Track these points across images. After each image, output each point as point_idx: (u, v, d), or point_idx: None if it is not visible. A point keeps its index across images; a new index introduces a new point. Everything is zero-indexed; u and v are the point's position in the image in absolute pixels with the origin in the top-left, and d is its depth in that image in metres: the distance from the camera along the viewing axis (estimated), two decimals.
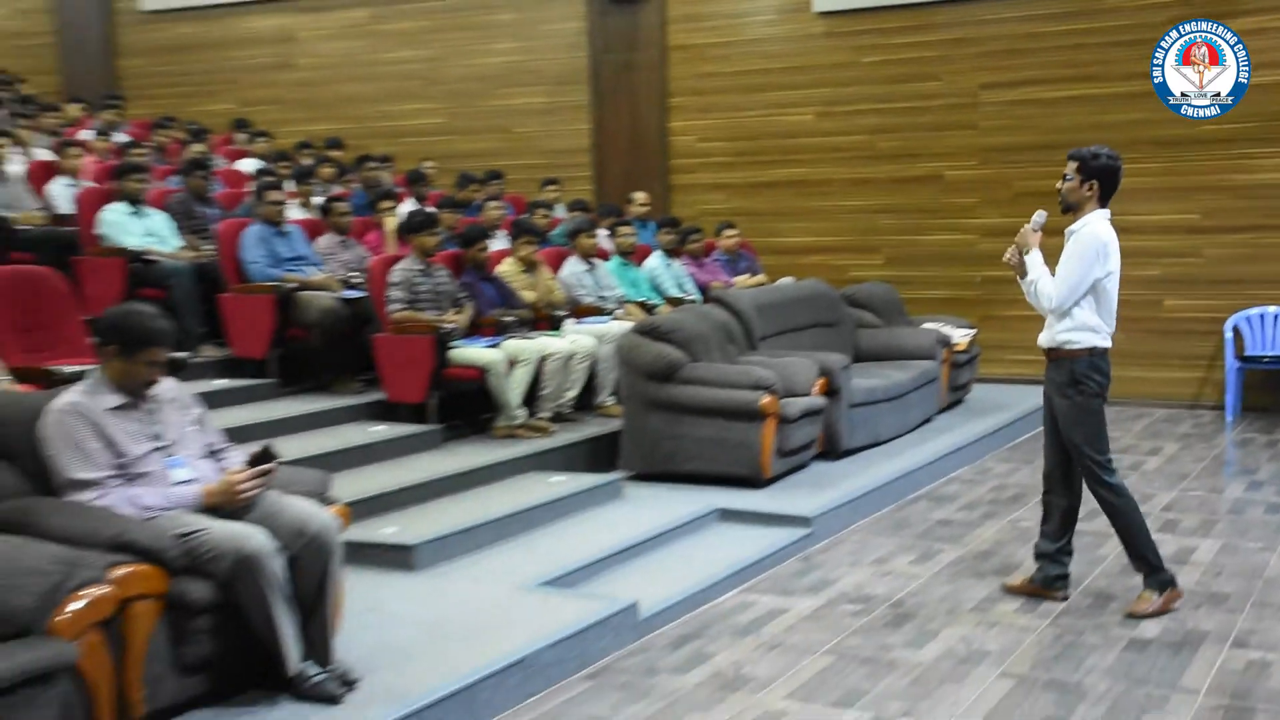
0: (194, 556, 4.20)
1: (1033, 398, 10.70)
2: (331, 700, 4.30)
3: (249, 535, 4.23)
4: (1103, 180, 5.52)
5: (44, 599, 3.75)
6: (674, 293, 10.45)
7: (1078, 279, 5.48)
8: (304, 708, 4.27)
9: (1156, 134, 11.19)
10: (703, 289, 10.76)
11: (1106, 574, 6.32)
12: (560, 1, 13.63)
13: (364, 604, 5.02)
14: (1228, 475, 8.91)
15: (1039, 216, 5.75)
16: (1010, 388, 11.24)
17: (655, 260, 10.66)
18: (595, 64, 13.45)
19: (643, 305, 9.85)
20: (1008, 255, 5.76)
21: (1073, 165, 5.57)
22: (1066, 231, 5.63)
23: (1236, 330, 11.04)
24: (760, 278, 11.55)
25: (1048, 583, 5.89)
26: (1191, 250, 11.24)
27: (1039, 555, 5.96)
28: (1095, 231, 5.50)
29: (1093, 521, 7.29)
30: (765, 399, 7.48)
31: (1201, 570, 6.39)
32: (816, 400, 8.03)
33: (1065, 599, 5.84)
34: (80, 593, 3.83)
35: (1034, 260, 5.65)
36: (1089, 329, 5.55)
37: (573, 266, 9.67)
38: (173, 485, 4.45)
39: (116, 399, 4.49)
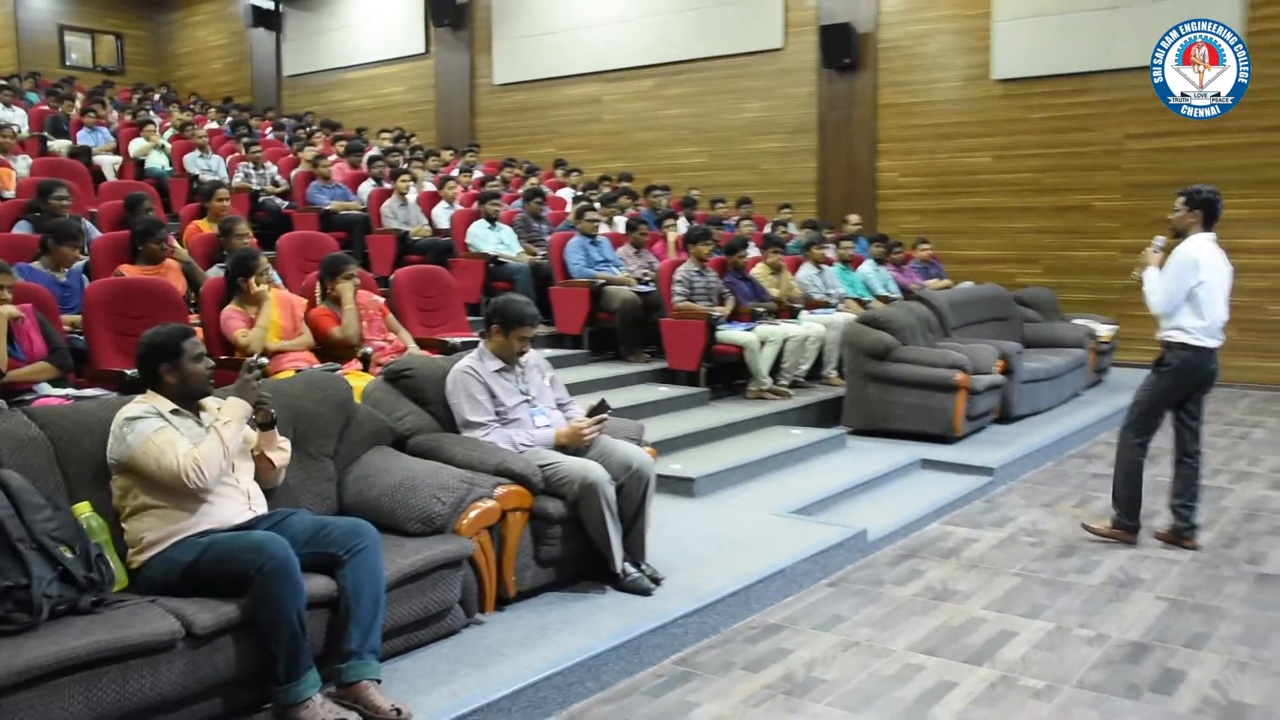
0: (551, 482, 4.23)
1: None
2: (645, 593, 4.27)
3: (591, 468, 4.24)
4: (1205, 210, 5.21)
5: (453, 508, 3.84)
6: (881, 292, 10.14)
7: (1171, 289, 5.18)
8: (625, 597, 4.25)
9: (1264, 175, 10.37)
10: (903, 289, 10.42)
11: (1232, 521, 5.89)
12: (797, 71, 13.33)
13: (661, 521, 4.92)
14: None
15: (1158, 241, 5.43)
16: (1141, 371, 10.42)
17: (867, 267, 10.34)
18: (822, 118, 13.13)
19: (858, 301, 9.60)
20: (1135, 273, 5.47)
21: (1181, 199, 5.28)
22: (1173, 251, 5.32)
23: None
24: (946, 282, 11.15)
25: (1179, 533, 5.45)
26: None
27: (1172, 508, 5.52)
28: (1187, 252, 5.16)
29: (1215, 478, 6.86)
30: (959, 375, 7.20)
31: None
32: (997, 377, 7.72)
33: (1196, 547, 5.40)
34: (476, 504, 3.90)
35: (1149, 275, 5.35)
36: (1181, 329, 5.24)
37: (807, 270, 9.45)
38: (535, 429, 4.49)
39: (497, 364, 4.56)
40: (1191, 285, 5.14)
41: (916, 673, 3.85)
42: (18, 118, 11.79)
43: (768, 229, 11.11)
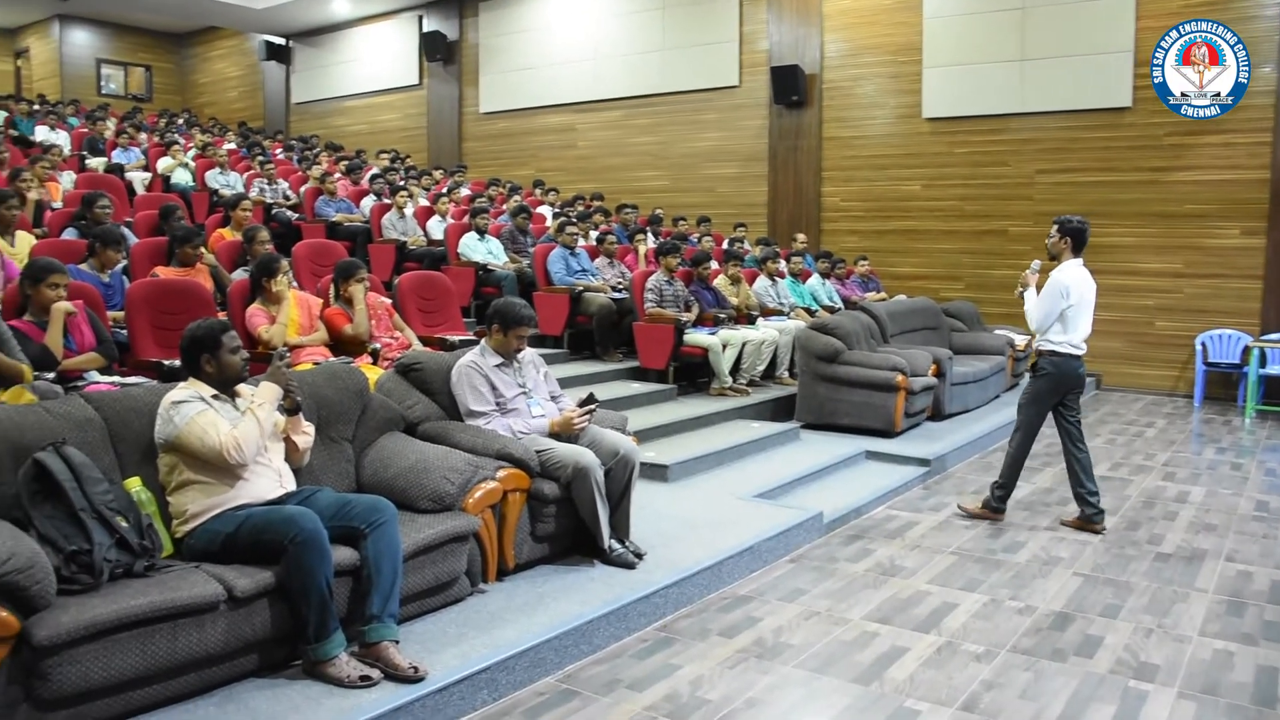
0: (547, 466, 4.21)
1: None
2: (629, 566, 4.26)
3: (582, 453, 4.22)
4: (1074, 237, 5.33)
5: (460, 487, 3.80)
6: (826, 303, 10.16)
7: (1047, 310, 5.31)
8: (611, 570, 4.24)
9: (1155, 209, 10.45)
10: (845, 300, 10.46)
11: (1133, 508, 5.95)
12: (750, 106, 13.35)
13: (639, 503, 4.87)
14: (1202, 443, 8.20)
15: (1035, 265, 5.58)
16: None
17: (814, 280, 10.38)
18: (773, 148, 13.15)
19: (807, 310, 9.62)
20: (1017, 291, 5.62)
21: (1055, 227, 5.41)
22: (1049, 274, 5.43)
23: (1204, 344, 10.18)
24: (883, 295, 11.20)
25: (1089, 519, 5.48)
26: (1175, 289, 10.36)
27: (1078, 496, 5.55)
28: (1060, 278, 5.30)
29: (1117, 470, 6.95)
30: (899, 377, 7.23)
31: (1196, 508, 5.98)
32: (931, 379, 7.76)
33: (1102, 531, 5.43)
34: (481, 485, 3.87)
35: (1029, 295, 5.51)
36: (1051, 341, 5.36)
37: (762, 282, 9.46)
38: (532, 418, 4.45)
39: (497, 360, 4.52)
40: (1063, 307, 5.28)
41: (872, 639, 3.87)
42: (61, 139, 11.83)
43: (725, 245, 11.12)
